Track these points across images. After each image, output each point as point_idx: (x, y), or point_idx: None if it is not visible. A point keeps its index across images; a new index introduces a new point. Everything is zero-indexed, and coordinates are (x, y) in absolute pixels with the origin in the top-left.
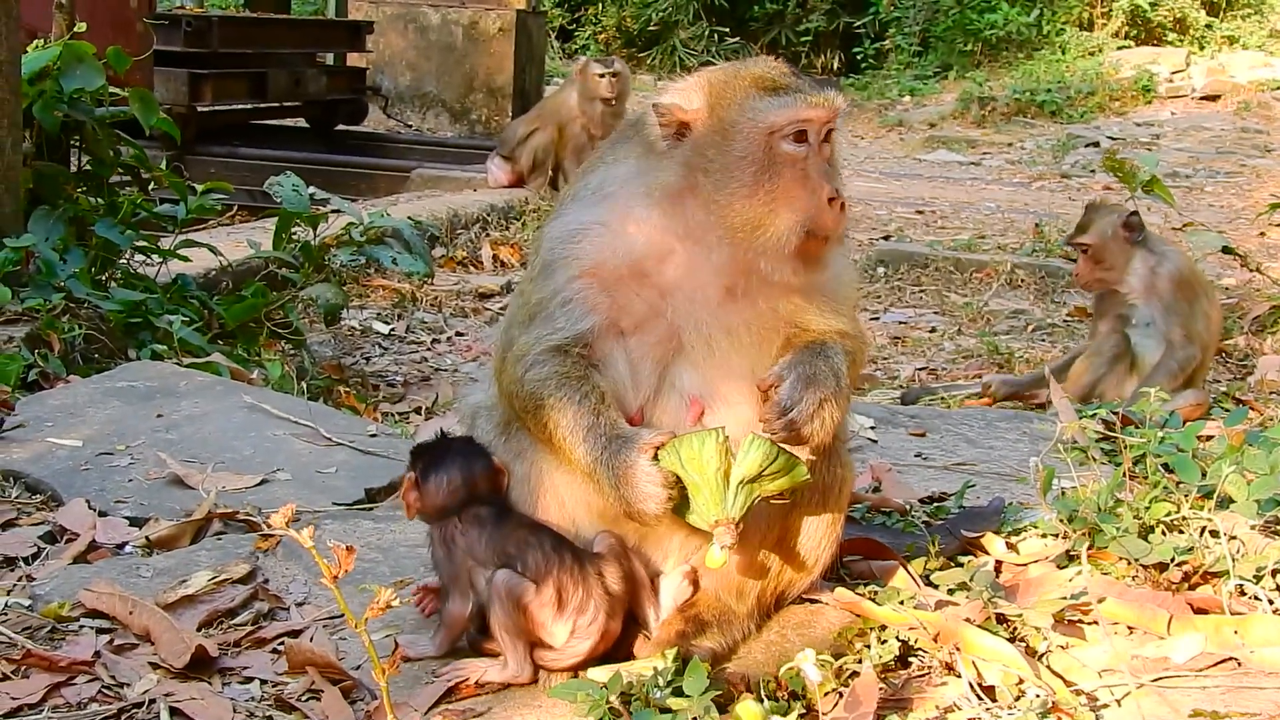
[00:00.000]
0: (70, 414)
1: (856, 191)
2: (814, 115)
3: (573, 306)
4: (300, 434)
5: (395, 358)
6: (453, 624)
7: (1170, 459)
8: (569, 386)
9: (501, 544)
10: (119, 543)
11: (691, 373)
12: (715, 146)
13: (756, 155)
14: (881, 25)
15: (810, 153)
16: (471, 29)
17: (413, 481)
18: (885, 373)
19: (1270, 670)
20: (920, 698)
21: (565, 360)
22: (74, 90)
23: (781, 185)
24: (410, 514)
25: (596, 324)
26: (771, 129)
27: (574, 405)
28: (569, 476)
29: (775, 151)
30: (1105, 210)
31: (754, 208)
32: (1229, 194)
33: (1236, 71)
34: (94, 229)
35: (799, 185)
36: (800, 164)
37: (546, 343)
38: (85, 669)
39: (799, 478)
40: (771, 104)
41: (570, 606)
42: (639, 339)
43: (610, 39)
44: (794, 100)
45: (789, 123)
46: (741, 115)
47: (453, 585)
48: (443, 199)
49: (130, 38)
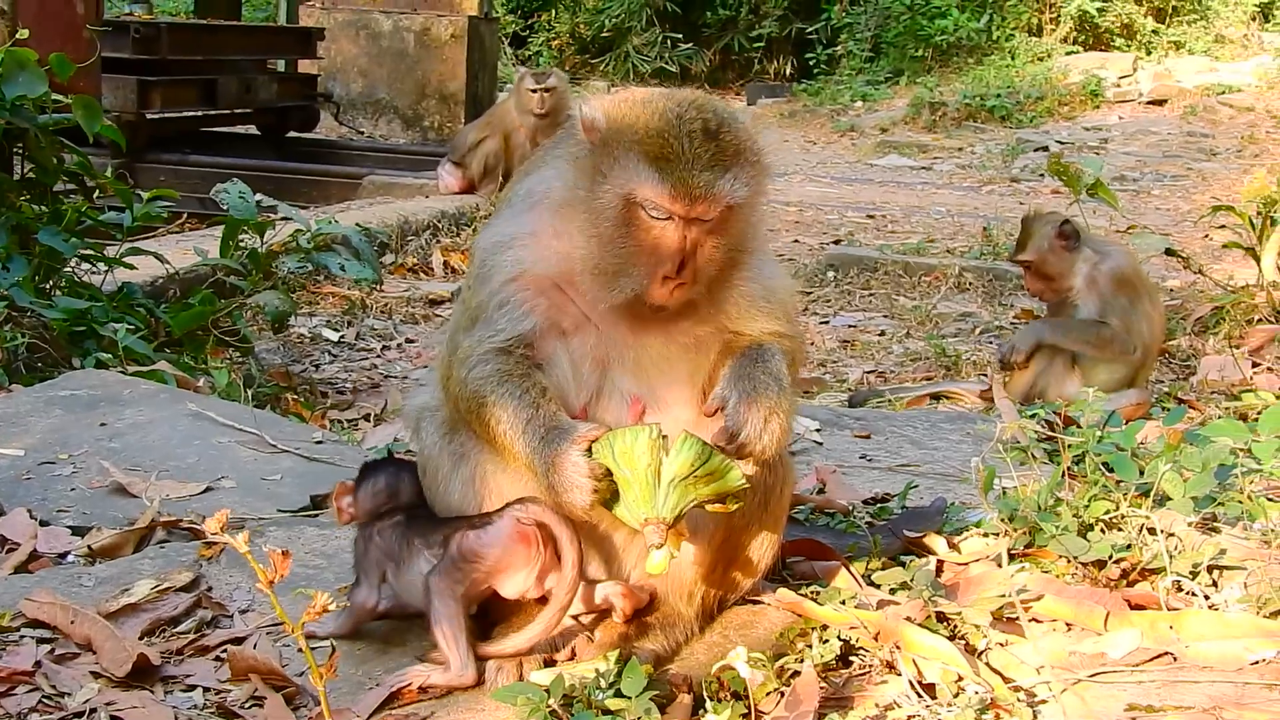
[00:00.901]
0: (12, 423)
1: (807, 196)
2: (671, 206)
3: (510, 308)
4: (245, 441)
5: (344, 365)
6: (358, 610)
7: (1110, 458)
8: (510, 383)
9: (424, 535)
10: (61, 552)
11: (631, 374)
12: (591, 183)
13: (615, 212)
14: (834, 31)
15: (671, 229)
16: (424, 35)
17: (347, 488)
18: (834, 376)
19: (1205, 664)
20: (861, 696)
21: (508, 359)
22: (16, 97)
23: (629, 245)
24: (342, 519)
25: (537, 325)
26: (630, 198)
27: (514, 400)
28: (513, 477)
29: (634, 214)
30: (1040, 222)
31: (603, 256)
32: (1175, 197)
33: (1183, 76)
34: (37, 237)
35: (644, 253)
36: (654, 232)
37: (489, 344)
38: (25, 679)
39: (732, 482)
40: (639, 173)
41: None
42: (580, 339)
43: (564, 45)
44: (660, 179)
45: (646, 202)
46: (613, 168)
47: (365, 577)
48: (394, 205)
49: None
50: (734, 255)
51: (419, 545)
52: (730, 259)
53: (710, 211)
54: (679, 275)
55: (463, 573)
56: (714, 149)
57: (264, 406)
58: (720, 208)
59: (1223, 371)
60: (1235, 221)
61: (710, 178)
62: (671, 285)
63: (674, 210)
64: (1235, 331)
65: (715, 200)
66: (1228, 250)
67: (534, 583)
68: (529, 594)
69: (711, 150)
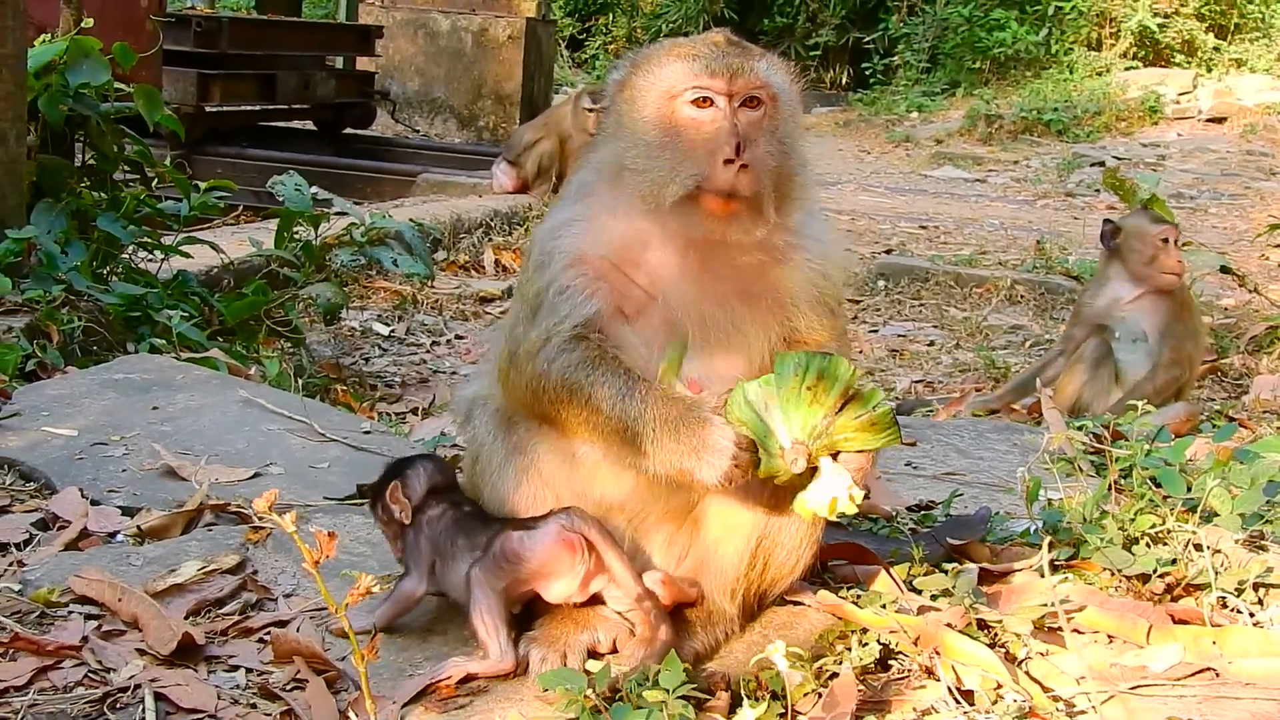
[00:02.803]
0: (67, 404)
1: (861, 206)
2: (710, 83)
3: (571, 293)
4: (295, 429)
5: (394, 359)
6: (402, 599)
7: (1157, 472)
8: (605, 365)
9: (468, 536)
10: (110, 531)
11: (694, 355)
12: (632, 113)
13: (659, 119)
14: (891, 41)
15: (717, 116)
16: (481, 36)
17: (397, 487)
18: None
19: (1247, 681)
20: (899, 700)
21: (589, 345)
22: (79, 85)
23: (678, 146)
24: (407, 516)
25: (600, 309)
26: (670, 93)
27: (619, 382)
28: (568, 471)
29: (678, 115)
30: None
31: (654, 168)
32: (1233, 216)
33: (1243, 94)
34: (96, 223)
35: (695, 146)
36: (704, 127)
37: (562, 333)
38: (73, 653)
39: (843, 373)
40: (673, 70)
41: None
42: (644, 322)
43: (620, 49)
44: (693, 67)
45: (686, 88)
46: (646, 80)
47: (414, 566)
48: (447, 203)
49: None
50: (788, 163)
51: (462, 546)
52: (786, 166)
53: (751, 87)
54: (739, 156)
55: (504, 570)
56: (741, 45)
57: (314, 396)
58: (760, 85)
59: (1275, 391)
60: None
61: (743, 58)
62: (735, 168)
63: (714, 87)
64: None
65: (754, 76)
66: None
67: (578, 588)
68: (574, 599)
69: (739, 46)
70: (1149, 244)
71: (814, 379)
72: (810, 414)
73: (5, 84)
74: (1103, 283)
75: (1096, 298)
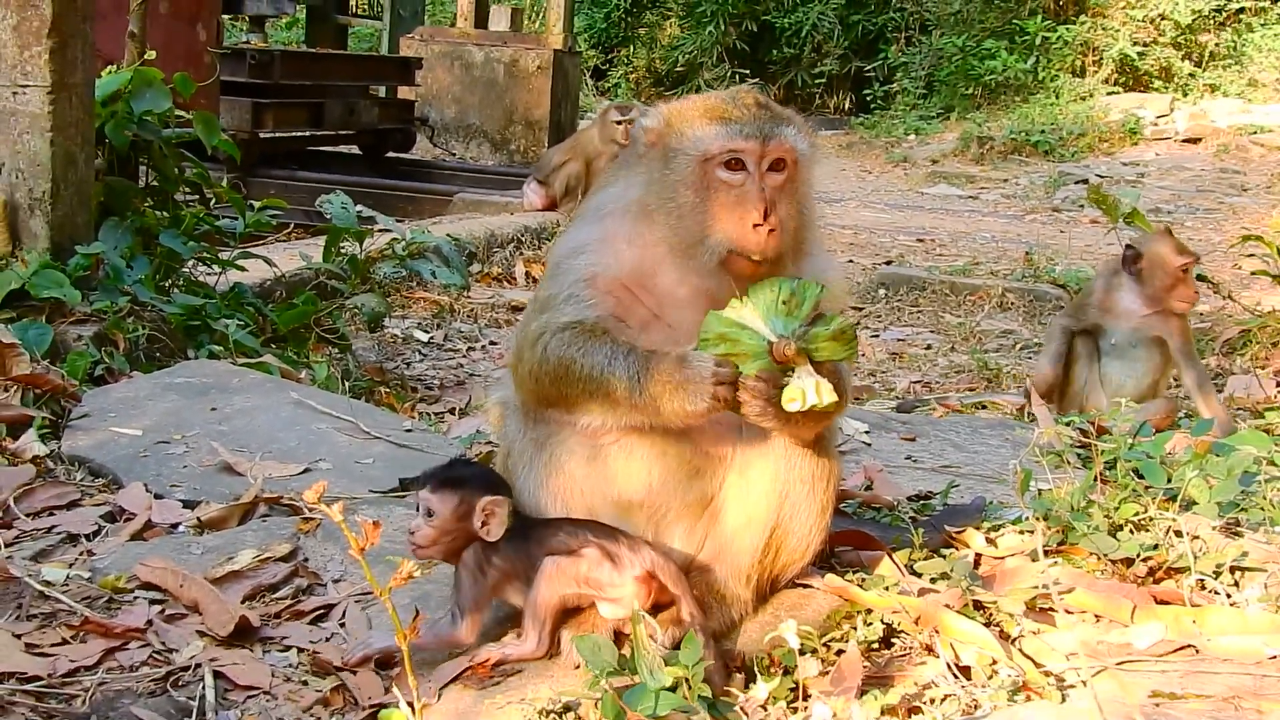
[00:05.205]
0: (132, 406)
1: (862, 221)
2: (745, 147)
3: (579, 301)
4: (342, 428)
5: (433, 363)
6: (441, 642)
7: (1140, 464)
8: (594, 339)
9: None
10: (173, 523)
11: None
12: (664, 167)
13: (692, 179)
14: (890, 70)
15: (748, 180)
16: (512, 66)
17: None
18: (883, 385)
19: (1225, 657)
20: (901, 675)
21: (581, 327)
22: (143, 112)
23: (712, 208)
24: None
25: (603, 316)
26: (704, 156)
27: (606, 347)
28: (588, 466)
29: (710, 177)
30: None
31: (687, 226)
32: (1207, 228)
33: (1217, 117)
34: (159, 239)
35: (728, 209)
36: (734, 189)
37: (559, 323)
38: (138, 635)
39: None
40: (707, 133)
41: (624, 560)
42: (646, 338)
43: (640, 78)
44: (728, 131)
45: (720, 151)
46: (682, 141)
47: (471, 610)
48: (481, 220)
49: (199, 67)
50: (804, 219)
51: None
52: (801, 222)
53: (781, 150)
54: (766, 220)
55: (578, 584)
56: (770, 109)
57: (359, 398)
58: (789, 150)
59: (1248, 390)
60: (1263, 251)
61: (773, 124)
62: (764, 231)
63: (747, 150)
64: (1261, 353)
65: (783, 141)
66: (1255, 278)
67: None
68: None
69: (768, 110)
70: (1171, 274)
71: (788, 294)
72: (788, 322)
73: (75, 111)
74: (1112, 289)
75: (1106, 302)
